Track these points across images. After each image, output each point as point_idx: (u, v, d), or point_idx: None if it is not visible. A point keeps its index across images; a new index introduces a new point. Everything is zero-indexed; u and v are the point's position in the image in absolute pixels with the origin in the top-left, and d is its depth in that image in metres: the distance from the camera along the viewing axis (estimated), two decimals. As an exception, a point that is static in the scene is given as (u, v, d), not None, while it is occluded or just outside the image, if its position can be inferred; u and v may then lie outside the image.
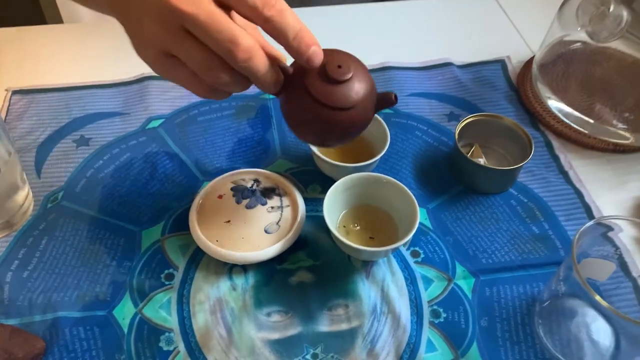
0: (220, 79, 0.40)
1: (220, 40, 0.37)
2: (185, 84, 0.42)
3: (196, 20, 0.36)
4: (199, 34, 0.37)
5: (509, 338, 0.53)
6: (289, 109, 0.46)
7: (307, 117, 0.44)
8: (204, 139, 0.69)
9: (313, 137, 0.49)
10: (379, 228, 0.59)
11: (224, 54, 0.38)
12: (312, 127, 0.46)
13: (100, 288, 0.55)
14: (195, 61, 0.39)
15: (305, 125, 0.46)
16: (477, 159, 0.66)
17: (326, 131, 0.46)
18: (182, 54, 0.39)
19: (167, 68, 0.41)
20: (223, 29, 0.37)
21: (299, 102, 0.44)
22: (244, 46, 0.38)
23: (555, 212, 0.63)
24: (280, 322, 0.53)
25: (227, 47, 0.37)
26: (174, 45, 0.38)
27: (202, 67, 0.39)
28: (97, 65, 0.79)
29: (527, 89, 0.77)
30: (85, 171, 0.65)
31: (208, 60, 0.38)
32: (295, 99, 0.45)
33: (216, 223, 0.58)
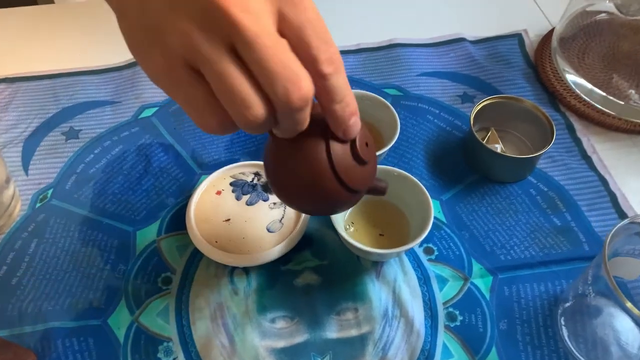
0: (254, 118, 0.29)
1: (278, 76, 0.28)
2: (196, 110, 0.30)
3: (255, 43, 0.28)
4: (251, 58, 0.28)
5: (530, 342, 0.49)
6: (291, 174, 0.36)
7: (315, 190, 0.36)
8: (200, 129, 0.65)
9: (305, 207, 0.41)
10: (389, 224, 0.55)
11: (277, 92, 0.29)
12: (312, 200, 0.38)
13: (94, 295, 0.52)
14: (229, 88, 0.28)
15: (307, 195, 0.37)
16: (493, 145, 0.61)
17: (325, 207, 0.39)
18: (215, 73, 0.28)
19: (180, 84, 0.30)
20: (286, 63, 0.28)
21: (313, 172, 0.36)
22: (305, 91, 0.29)
23: (578, 201, 0.59)
24: (285, 328, 0.50)
25: (284, 87, 0.28)
26: (209, 59, 0.28)
27: (236, 97, 0.29)
28: (85, 49, 0.74)
29: (546, 65, 0.72)
30: (76, 166, 0.61)
31: (248, 91, 0.29)
32: (308, 167, 0.36)
33: (215, 222, 0.54)
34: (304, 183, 0.36)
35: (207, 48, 0.28)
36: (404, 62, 0.72)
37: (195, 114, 0.30)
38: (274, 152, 0.37)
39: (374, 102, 0.60)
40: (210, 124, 0.30)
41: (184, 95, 0.30)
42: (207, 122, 0.30)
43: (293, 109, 0.29)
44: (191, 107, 0.30)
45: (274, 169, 0.37)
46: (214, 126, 0.30)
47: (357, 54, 0.74)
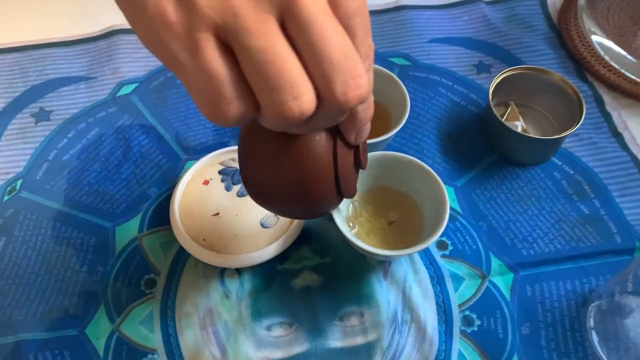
0: (300, 111, 0.23)
1: (339, 67, 0.23)
2: (211, 94, 0.23)
3: (315, 23, 0.22)
4: (306, 40, 0.22)
5: (555, 348, 0.44)
6: (283, 173, 0.30)
7: (308, 194, 0.31)
8: (185, 107, 0.58)
9: (286, 210, 0.35)
10: (399, 214, 0.49)
11: (333, 85, 0.23)
12: (301, 204, 0.32)
13: (70, 301, 0.46)
14: (276, 69, 0.22)
15: (296, 199, 0.32)
16: (513, 122, 0.54)
17: (310, 212, 0.34)
18: (257, 49, 0.22)
19: (196, 55, 0.22)
20: (348, 53, 0.23)
21: (313, 174, 0.30)
22: (364, 89, 0.24)
23: (608, 185, 0.52)
24: (283, 337, 0.45)
25: (344, 81, 0.23)
26: (252, 29, 0.22)
27: (283, 82, 0.22)
28: (56, 17, 0.66)
29: (571, 28, 0.64)
30: (47, 153, 0.55)
31: (299, 76, 0.22)
32: (308, 168, 0.30)
33: (202, 217, 0.48)
34: (297, 185, 0.31)
35: (252, 15, 0.22)
36: (412, 27, 0.65)
37: (210, 99, 0.23)
38: (262, 146, 0.30)
39: (381, 75, 0.53)
40: (227, 114, 0.23)
41: (198, 72, 0.22)
42: (224, 111, 0.23)
43: (345, 108, 0.24)
44: (205, 89, 0.23)
45: (257, 165, 0.31)
46: (231, 116, 0.23)
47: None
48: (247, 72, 0.23)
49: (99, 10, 0.66)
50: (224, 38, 0.22)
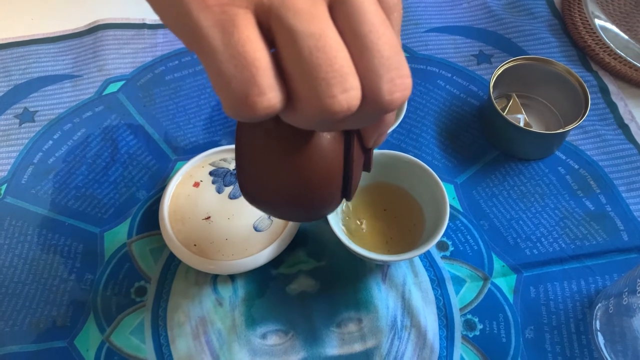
0: (346, 106, 0.20)
1: (388, 62, 0.20)
2: (241, 81, 0.19)
3: (367, 12, 0.20)
4: (357, 30, 0.20)
5: (560, 352, 0.43)
6: (289, 172, 0.28)
7: (315, 195, 0.29)
8: (174, 105, 0.56)
9: (287, 212, 0.32)
10: (399, 210, 0.47)
11: (380, 82, 0.21)
12: (305, 206, 0.30)
13: (58, 311, 0.45)
14: (327, 58, 0.19)
15: (301, 200, 0.29)
16: (515, 115, 0.52)
17: (311, 214, 0.31)
18: (307, 35, 0.19)
19: (243, 43, 0.19)
20: (397, 49, 0.21)
21: (323, 174, 0.28)
22: (409, 91, 0.22)
23: (614, 180, 0.51)
24: (278, 345, 0.43)
25: (391, 79, 0.21)
26: (302, 11, 0.19)
27: (333, 73, 0.20)
28: (38, 12, 0.64)
29: (575, 14, 0.61)
30: (32, 156, 0.53)
31: (349, 68, 0.20)
32: (319, 168, 0.28)
33: (193, 221, 0.46)
34: (304, 186, 0.28)
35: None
36: (410, 16, 0.62)
37: (239, 87, 0.19)
38: (267, 144, 0.27)
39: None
40: (257, 106, 0.20)
41: (229, 54, 0.19)
42: (254, 103, 0.20)
43: (388, 108, 0.21)
44: (235, 75, 0.19)
45: (259, 164, 0.28)
46: (261, 109, 0.20)
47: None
48: (290, 59, 0.20)
49: (84, 5, 0.64)
50: (264, 19, 0.20)
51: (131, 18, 0.62)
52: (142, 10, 0.63)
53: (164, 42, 0.61)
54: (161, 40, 0.61)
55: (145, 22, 0.62)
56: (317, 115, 0.20)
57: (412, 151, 0.52)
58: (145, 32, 0.61)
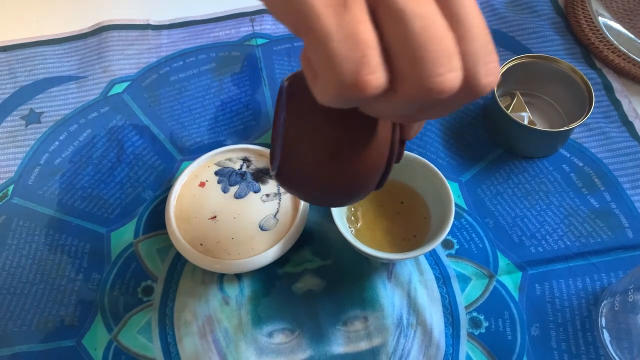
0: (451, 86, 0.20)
1: (487, 47, 0.21)
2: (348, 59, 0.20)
3: None
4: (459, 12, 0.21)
5: (566, 349, 0.43)
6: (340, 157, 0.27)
7: (359, 181, 0.29)
8: (179, 105, 0.56)
9: (323, 199, 0.32)
10: (404, 207, 0.47)
11: (478, 65, 0.21)
12: (344, 192, 0.30)
13: (66, 310, 0.45)
14: (434, 38, 0.20)
15: (346, 185, 0.29)
16: (519, 113, 0.52)
17: (346, 200, 0.32)
18: (413, 17, 0.20)
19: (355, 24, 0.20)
20: (488, 34, 0.22)
21: (372, 162, 0.28)
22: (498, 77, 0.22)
23: (619, 177, 0.51)
24: (285, 343, 0.43)
25: (487, 63, 0.21)
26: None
27: (440, 53, 0.20)
28: (43, 14, 0.64)
29: (578, 11, 0.61)
30: (39, 156, 0.53)
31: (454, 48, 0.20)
32: (369, 154, 0.28)
33: (199, 220, 0.47)
34: (355, 173, 0.28)
35: None
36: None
37: (351, 67, 0.20)
38: (328, 129, 0.27)
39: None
40: (368, 84, 0.20)
41: (342, 34, 0.19)
42: (365, 81, 0.20)
43: (480, 93, 0.21)
44: (347, 55, 0.20)
45: (315, 147, 0.27)
46: (371, 88, 0.20)
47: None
48: (397, 40, 0.20)
49: (88, 6, 0.64)
50: (371, 1, 0.20)
51: (135, 19, 0.62)
52: (146, 11, 0.63)
53: (168, 43, 0.61)
54: (165, 41, 0.61)
55: (150, 23, 0.62)
56: (421, 94, 0.20)
57: (416, 150, 0.52)
58: (150, 32, 0.62)
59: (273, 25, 0.62)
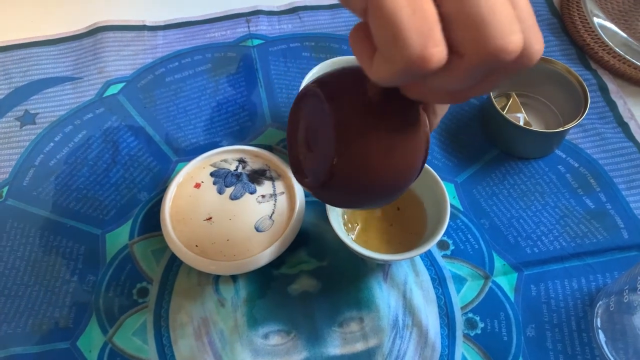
0: (515, 48, 0.21)
1: (531, 12, 0.22)
2: (428, 35, 0.21)
3: None
4: None
5: (562, 350, 0.43)
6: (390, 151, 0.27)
7: (403, 177, 0.29)
8: (174, 106, 0.56)
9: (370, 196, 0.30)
10: (400, 208, 0.47)
11: (532, 30, 0.22)
12: (391, 191, 0.29)
13: (60, 312, 0.45)
14: (491, 5, 0.21)
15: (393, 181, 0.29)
16: (514, 114, 0.52)
17: (386, 197, 0.31)
18: None
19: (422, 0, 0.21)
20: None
21: (413, 156, 0.28)
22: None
23: (614, 178, 0.51)
24: (281, 345, 0.43)
25: (537, 32, 0.22)
26: None
27: (502, 17, 0.21)
28: (38, 15, 0.64)
29: (573, 12, 0.61)
30: (34, 158, 0.53)
31: (512, 14, 0.21)
32: (411, 148, 0.28)
33: (194, 222, 0.47)
34: (403, 169, 0.28)
35: None
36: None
37: (418, 40, 0.20)
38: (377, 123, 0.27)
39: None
40: (433, 57, 0.21)
41: (411, 10, 0.20)
42: (431, 54, 0.21)
43: (531, 62, 0.22)
44: (415, 29, 0.20)
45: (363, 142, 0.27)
46: (436, 60, 0.21)
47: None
48: (461, 9, 0.21)
49: (84, 7, 0.64)
50: None
51: (131, 20, 0.62)
52: (142, 12, 0.63)
53: (164, 44, 0.61)
54: (161, 42, 0.61)
55: (145, 23, 0.62)
56: (488, 58, 0.21)
57: (412, 151, 0.52)
58: (145, 33, 0.61)
59: (269, 26, 0.62)
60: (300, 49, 0.60)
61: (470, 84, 0.23)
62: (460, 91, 0.24)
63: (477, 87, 0.24)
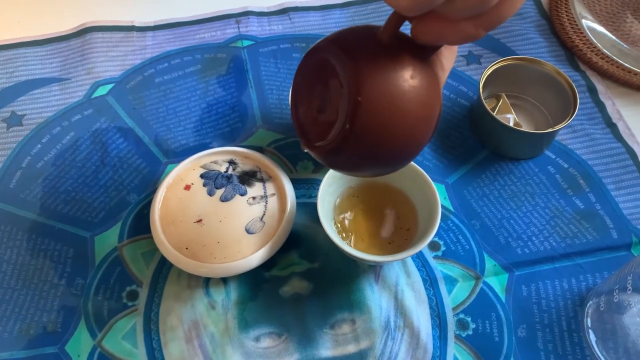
0: None
1: None
2: None
3: None
4: None
5: (553, 350, 0.43)
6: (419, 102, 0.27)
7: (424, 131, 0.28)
8: (164, 107, 0.56)
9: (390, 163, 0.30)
10: (391, 209, 0.47)
11: None
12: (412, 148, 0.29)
13: (48, 316, 0.44)
14: None
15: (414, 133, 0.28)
16: (504, 115, 0.53)
17: (407, 159, 0.31)
18: None
19: None
20: None
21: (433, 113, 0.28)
22: None
23: (603, 179, 0.51)
24: (272, 348, 0.43)
25: None
26: None
27: None
28: (25, 15, 0.63)
29: (562, 14, 0.62)
30: (21, 160, 0.52)
31: None
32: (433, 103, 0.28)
33: (184, 224, 0.46)
34: (423, 120, 0.28)
35: None
36: (399, 17, 0.62)
37: None
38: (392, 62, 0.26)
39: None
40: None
41: None
42: None
43: None
44: None
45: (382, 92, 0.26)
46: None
47: (345, 8, 0.64)
48: None
49: (72, 7, 0.63)
50: None
51: (120, 20, 0.62)
52: (131, 13, 0.63)
53: (153, 45, 0.60)
54: (150, 43, 0.60)
55: (134, 24, 0.62)
56: None
57: (403, 152, 0.52)
58: (134, 34, 0.61)
59: (259, 27, 0.62)
60: (291, 50, 0.60)
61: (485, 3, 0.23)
62: (484, 16, 0.24)
63: (500, 8, 0.24)
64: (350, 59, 0.27)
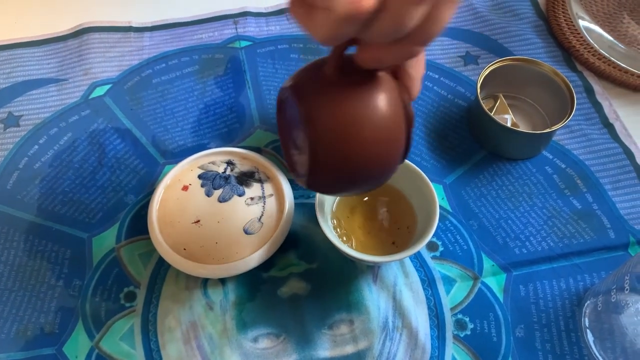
0: None
1: None
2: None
3: None
4: None
5: (550, 350, 0.43)
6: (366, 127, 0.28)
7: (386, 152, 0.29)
8: (161, 108, 0.56)
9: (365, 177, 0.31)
10: (389, 210, 0.47)
11: None
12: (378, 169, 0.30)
13: (46, 318, 0.44)
14: None
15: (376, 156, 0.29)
16: (502, 115, 0.53)
17: (380, 178, 0.32)
18: None
19: None
20: None
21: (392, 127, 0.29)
22: None
23: (600, 179, 0.51)
24: (270, 348, 0.43)
25: None
26: None
27: None
28: (23, 15, 0.63)
29: (559, 15, 0.62)
30: (18, 161, 0.52)
31: None
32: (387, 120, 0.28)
33: (182, 225, 0.46)
34: (384, 140, 0.28)
35: None
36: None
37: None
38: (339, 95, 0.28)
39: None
40: (362, 7, 0.22)
41: None
42: (354, 4, 0.21)
43: None
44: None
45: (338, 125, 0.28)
46: (368, 7, 0.22)
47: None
48: None
49: (69, 8, 0.63)
50: None
51: (117, 21, 0.62)
52: (129, 13, 0.63)
53: (150, 45, 0.60)
54: (147, 43, 0.60)
55: (132, 25, 0.62)
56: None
57: (401, 152, 0.52)
58: (132, 35, 0.61)
59: (256, 27, 0.62)
60: (289, 51, 0.60)
61: (411, 20, 0.23)
62: (411, 35, 0.24)
63: (425, 26, 0.24)
64: (299, 102, 0.28)
